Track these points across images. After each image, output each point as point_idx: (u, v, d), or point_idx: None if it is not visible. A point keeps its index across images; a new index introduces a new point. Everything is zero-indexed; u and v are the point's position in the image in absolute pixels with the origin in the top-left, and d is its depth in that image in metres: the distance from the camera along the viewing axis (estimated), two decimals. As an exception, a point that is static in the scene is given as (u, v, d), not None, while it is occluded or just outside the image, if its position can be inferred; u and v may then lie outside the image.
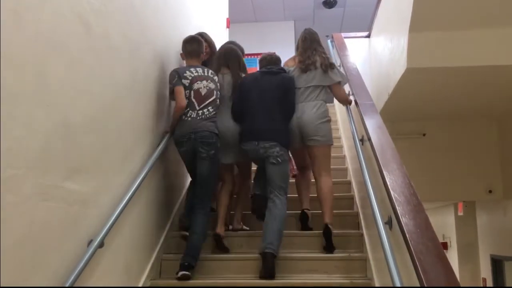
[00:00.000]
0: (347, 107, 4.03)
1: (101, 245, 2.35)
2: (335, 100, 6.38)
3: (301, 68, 3.72)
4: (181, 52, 3.75)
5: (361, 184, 3.49)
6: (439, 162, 5.80)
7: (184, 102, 3.40)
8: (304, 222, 3.71)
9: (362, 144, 3.45)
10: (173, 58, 3.94)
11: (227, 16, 7.06)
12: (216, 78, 3.62)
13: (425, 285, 1.63)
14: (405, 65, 4.01)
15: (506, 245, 6.02)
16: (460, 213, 7.59)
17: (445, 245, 8.10)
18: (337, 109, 6.28)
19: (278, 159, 3.41)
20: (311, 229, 3.69)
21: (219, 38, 6.44)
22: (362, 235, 3.56)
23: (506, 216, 5.91)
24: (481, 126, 5.89)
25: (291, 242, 3.58)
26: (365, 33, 6.50)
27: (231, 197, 3.78)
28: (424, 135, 5.93)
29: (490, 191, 5.78)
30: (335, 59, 5.63)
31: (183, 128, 3.40)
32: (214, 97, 3.53)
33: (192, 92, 3.47)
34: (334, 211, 3.63)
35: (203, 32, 4.17)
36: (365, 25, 6.76)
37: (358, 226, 3.74)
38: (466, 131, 5.91)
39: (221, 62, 3.81)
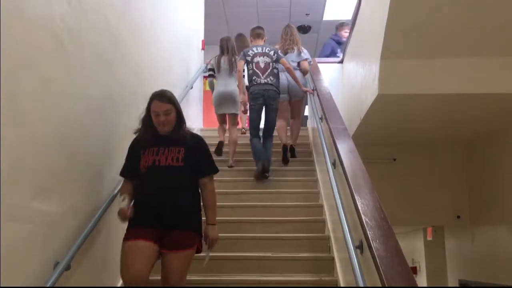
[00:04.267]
0: (320, 131, 4.07)
1: (67, 267, 2.29)
2: (308, 125, 6.48)
3: (283, 51, 5.50)
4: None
5: (333, 207, 3.51)
6: (409, 186, 5.89)
7: (240, 67, 5.09)
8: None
9: (334, 168, 3.48)
10: (147, 76, 3.92)
11: (203, 38, 7.09)
12: (271, 52, 5.08)
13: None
14: (377, 91, 4.09)
15: (474, 271, 6.11)
16: (429, 238, 7.69)
17: (414, 270, 8.17)
18: (310, 133, 6.33)
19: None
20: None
21: (195, 59, 6.47)
22: (333, 258, 3.56)
23: (473, 242, 6.00)
24: (450, 152, 6.02)
25: (262, 265, 3.56)
26: (338, 59, 6.62)
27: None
28: (394, 160, 6.02)
29: (458, 217, 5.88)
30: (309, 84, 5.71)
31: (257, 88, 4.95)
32: (270, 68, 4.99)
33: (253, 64, 5.00)
34: (305, 234, 3.88)
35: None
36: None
37: (329, 249, 3.75)
38: (435, 156, 6.03)
39: (223, 49, 5.67)
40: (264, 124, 5.13)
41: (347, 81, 6.00)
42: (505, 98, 4.06)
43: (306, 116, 7.45)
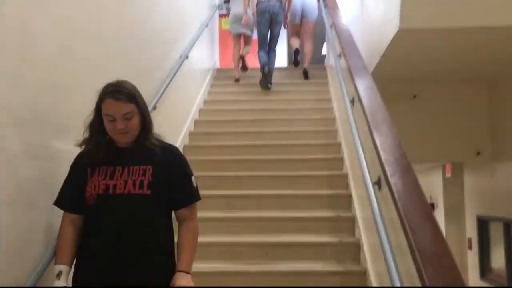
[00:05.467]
0: (338, 69, 3.99)
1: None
2: (326, 63, 6.38)
3: None
4: None
5: (351, 145, 3.51)
6: (429, 124, 5.82)
7: None
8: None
9: (353, 105, 3.44)
10: (159, 16, 3.85)
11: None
12: None
13: (413, 244, 1.66)
14: (398, 26, 3.94)
15: (492, 206, 6.13)
16: (448, 175, 7.68)
17: (432, 206, 8.23)
18: (328, 71, 6.23)
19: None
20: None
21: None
22: (351, 195, 3.60)
23: (493, 177, 5.99)
24: (472, 88, 5.88)
25: (280, 202, 3.62)
26: (358, -7, 6.37)
27: None
28: (414, 97, 5.92)
29: (478, 153, 5.84)
30: (327, 19, 5.55)
31: (263, 5, 5.72)
32: None
33: None
34: (324, 172, 3.89)
35: None
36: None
37: (347, 187, 3.77)
38: (457, 93, 5.91)
39: None
40: (269, 38, 5.88)
41: (367, 16, 5.80)
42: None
43: (324, 56, 7.33)
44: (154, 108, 3.35)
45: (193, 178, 1.95)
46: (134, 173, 1.82)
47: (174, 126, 4.39)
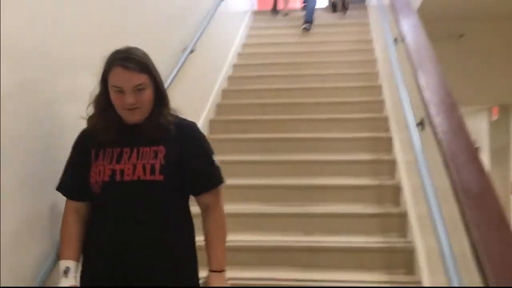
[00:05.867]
0: (380, 7, 3.82)
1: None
2: (367, 2, 6.14)
3: None
4: None
5: (393, 87, 3.40)
6: (475, 64, 5.57)
7: None
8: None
9: (396, 45, 3.31)
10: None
11: None
12: None
13: (457, 185, 1.61)
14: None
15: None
16: (494, 118, 7.44)
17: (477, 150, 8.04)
18: (370, 11, 5.99)
19: None
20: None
21: None
22: (391, 138, 3.52)
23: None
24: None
25: (319, 145, 3.59)
26: None
27: None
28: (461, 36, 5.64)
29: (527, 95, 5.59)
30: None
31: None
32: None
33: None
34: (364, 114, 3.86)
35: None
36: None
37: (387, 130, 3.69)
38: (506, 31, 5.59)
39: None
40: None
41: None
42: None
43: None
44: (192, 51, 3.33)
45: (214, 157, 1.64)
46: (144, 156, 1.53)
47: (213, 70, 4.36)
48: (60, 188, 1.62)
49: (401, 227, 2.84)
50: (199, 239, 1.62)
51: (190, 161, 1.58)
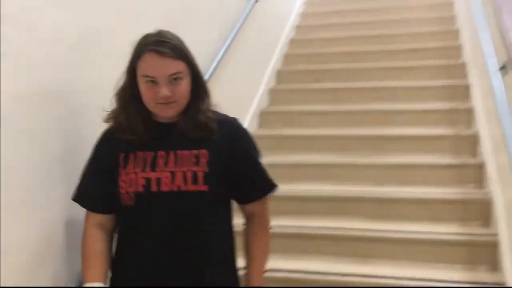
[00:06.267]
0: None
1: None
2: None
3: None
4: None
5: (472, 31, 3.18)
6: None
7: None
8: None
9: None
10: None
11: None
12: None
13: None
14: None
15: None
16: None
17: None
18: None
19: None
20: None
21: None
22: (469, 86, 3.33)
23: None
24: None
25: (394, 94, 3.47)
26: None
27: None
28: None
29: None
30: None
31: None
32: None
33: None
34: (439, 61, 3.67)
35: None
36: None
37: (465, 76, 3.49)
38: None
39: None
40: None
41: None
42: None
43: None
44: (257, 0, 3.29)
45: (260, 160, 1.43)
46: (184, 161, 1.30)
47: (278, 18, 4.29)
48: (79, 198, 1.37)
49: (479, 178, 2.72)
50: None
51: (238, 167, 1.37)
